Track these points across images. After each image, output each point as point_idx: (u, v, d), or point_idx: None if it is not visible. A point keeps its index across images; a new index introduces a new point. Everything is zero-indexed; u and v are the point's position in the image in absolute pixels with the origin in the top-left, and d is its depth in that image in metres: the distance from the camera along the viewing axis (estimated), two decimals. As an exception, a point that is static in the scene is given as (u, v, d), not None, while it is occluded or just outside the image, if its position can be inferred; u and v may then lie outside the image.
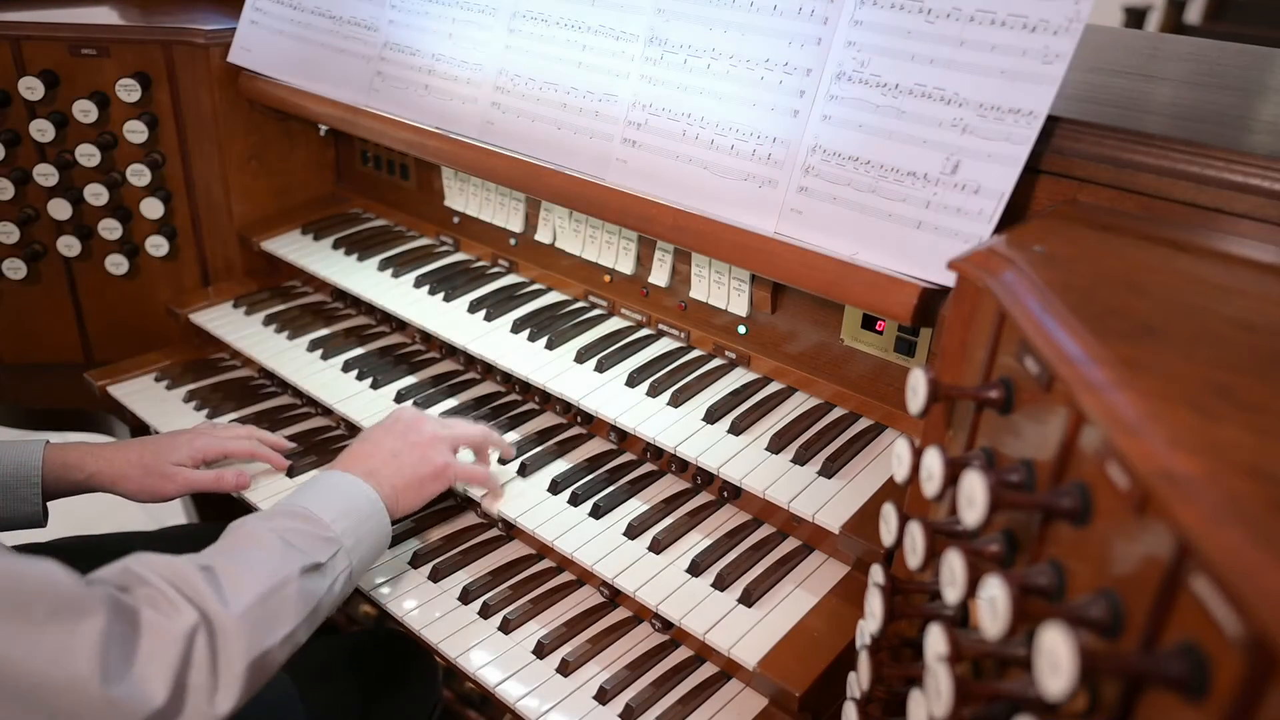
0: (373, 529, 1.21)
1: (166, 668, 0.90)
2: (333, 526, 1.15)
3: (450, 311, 1.68)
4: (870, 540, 1.17)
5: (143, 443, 1.46)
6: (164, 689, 0.89)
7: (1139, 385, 0.61)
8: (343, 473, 1.25)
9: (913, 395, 0.82)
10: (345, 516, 1.17)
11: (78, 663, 0.84)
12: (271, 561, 1.06)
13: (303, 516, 1.14)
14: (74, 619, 0.85)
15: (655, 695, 1.22)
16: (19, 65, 1.80)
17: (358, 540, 1.18)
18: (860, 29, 1.20)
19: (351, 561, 1.16)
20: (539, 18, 1.54)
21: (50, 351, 2.06)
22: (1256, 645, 0.45)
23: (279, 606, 1.03)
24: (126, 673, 0.87)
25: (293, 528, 1.12)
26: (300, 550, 1.09)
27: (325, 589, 1.11)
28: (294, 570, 1.06)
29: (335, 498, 1.20)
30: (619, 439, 1.52)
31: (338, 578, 1.13)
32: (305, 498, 1.19)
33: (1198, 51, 1.65)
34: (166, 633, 0.91)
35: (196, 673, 0.93)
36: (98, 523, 1.64)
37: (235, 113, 1.90)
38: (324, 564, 1.11)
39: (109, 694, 0.84)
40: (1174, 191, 1.01)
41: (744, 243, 1.28)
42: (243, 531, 1.11)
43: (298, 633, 1.06)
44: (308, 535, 1.12)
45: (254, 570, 1.03)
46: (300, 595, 1.06)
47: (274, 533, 1.10)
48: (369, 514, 1.21)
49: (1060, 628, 0.54)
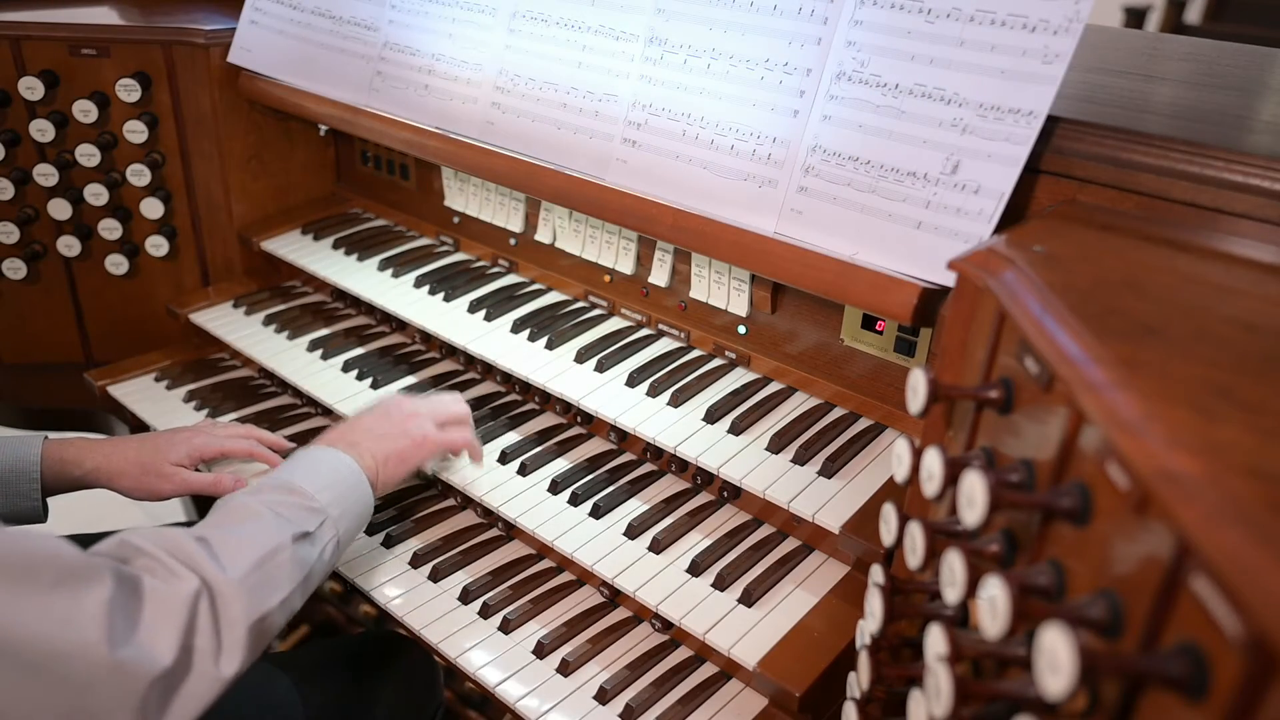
0: (356, 499, 1.24)
1: (172, 630, 0.92)
2: (318, 498, 1.17)
3: (450, 311, 1.68)
4: (870, 540, 1.17)
5: (141, 440, 1.46)
6: (171, 651, 0.91)
7: (1139, 385, 0.61)
8: (325, 447, 1.27)
9: (913, 395, 0.82)
10: (330, 488, 1.20)
11: (85, 629, 0.85)
12: (264, 530, 1.08)
13: (288, 489, 1.16)
14: (80, 586, 0.86)
15: (655, 695, 1.22)
16: (19, 65, 1.80)
17: (343, 511, 1.20)
18: (860, 29, 1.20)
19: (338, 531, 1.18)
20: (539, 18, 1.54)
21: (50, 351, 2.06)
22: (1256, 645, 0.45)
23: (275, 571, 1.06)
24: (132, 636, 0.89)
25: (280, 500, 1.14)
26: (289, 520, 1.12)
27: (316, 556, 1.14)
28: (286, 538, 1.09)
29: (319, 471, 1.22)
30: (619, 439, 1.52)
31: (326, 546, 1.16)
32: (290, 472, 1.21)
33: (1198, 51, 1.65)
34: (170, 598, 0.93)
35: (201, 636, 0.95)
36: (98, 523, 1.63)
37: (235, 113, 1.90)
38: (312, 533, 1.14)
39: (116, 657, 0.86)
40: (1174, 191, 1.01)
41: (744, 243, 1.28)
42: (232, 505, 1.13)
43: (293, 598, 1.09)
44: (295, 506, 1.14)
45: (248, 538, 1.06)
46: (294, 561, 1.09)
47: (263, 505, 1.12)
48: (352, 485, 1.23)
49: (1060, 628, 0.54)
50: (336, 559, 1.21)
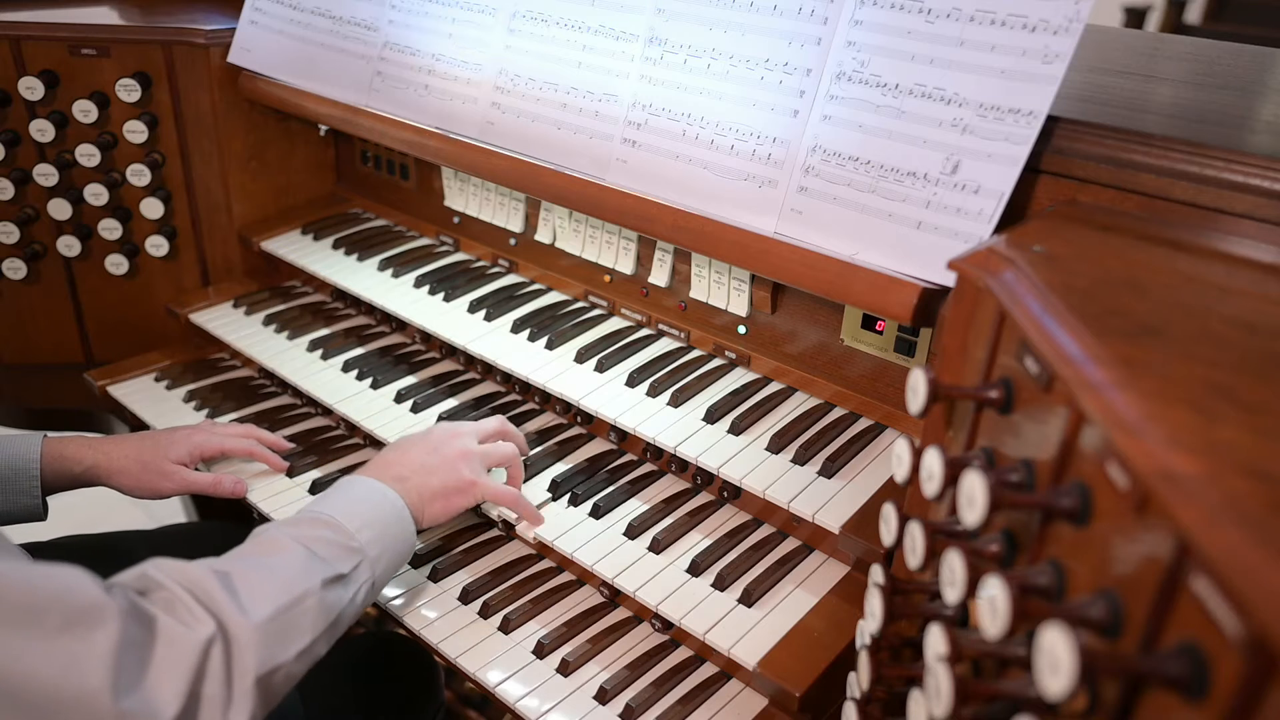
0: (396, 538, 1.19)
1: (180, 678, 0.88)
2: (357, 536, 1.12)
3: (450, 311, 1.68)
4: (870, 540, 1.17)
5: (141, 438, 1.46)
6: (176, 700, 0.87)
7: (1139, 385, 0.61)
8: (370, 479, 1.22)
9: (913, 395, 0.82)
10: (370, 526, 1.14)
11: (88, 675, 0.82)
12: (293, 571, 1.03)
13: (327, 524, 1.12)
14: (87, 629, 0.83)
15: (655, 695, 1.22)
16: (19, 65, 1.80)
17: (381, 550, 1.15)
18: (860, 29, 1.20)
19: (374, 573, 1.13)
20: (539, 18, 1.54)
21: (50, 351, 2.06)
22: (1256, 645, 0.45)
23: (297, 619, 1.01)
24: (139, 683, 0.85)
25: (317, 535, 1.09)
26: (324, 560, 1.07)
27: (347, 600, 1.08)
28: (315, 582, 1.04)
29: (362, 506, 1.17)
30: (619, 439, 1.52)
31: (360, 589, 1.11)
32: (331, 504, 1.16)
33: (1198, 51, 1.65)
34: (182, 641, 0.89)
35: (210, 684, 0.90)
36: (97, 523, 1.64)
37: (235, 113, 1.90)
38: (347, 574, 1.09)
39: (120, 707, 0.82)
40: (1174, 191, 1.01)
41: (744, 243, 1.28)
42: (265, 538, 1.09)
43: (316, 646, 1.03)
44: (332, 544, 1.10)
45: (274, 579, 1.01)
46: (320, 607, 1.03)
47: (297, 541, 1.07)
48: (394, 522, 1.19)
49: (1060, 628, 0.54)
50: (370, 601, 1.15)
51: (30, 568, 0.84)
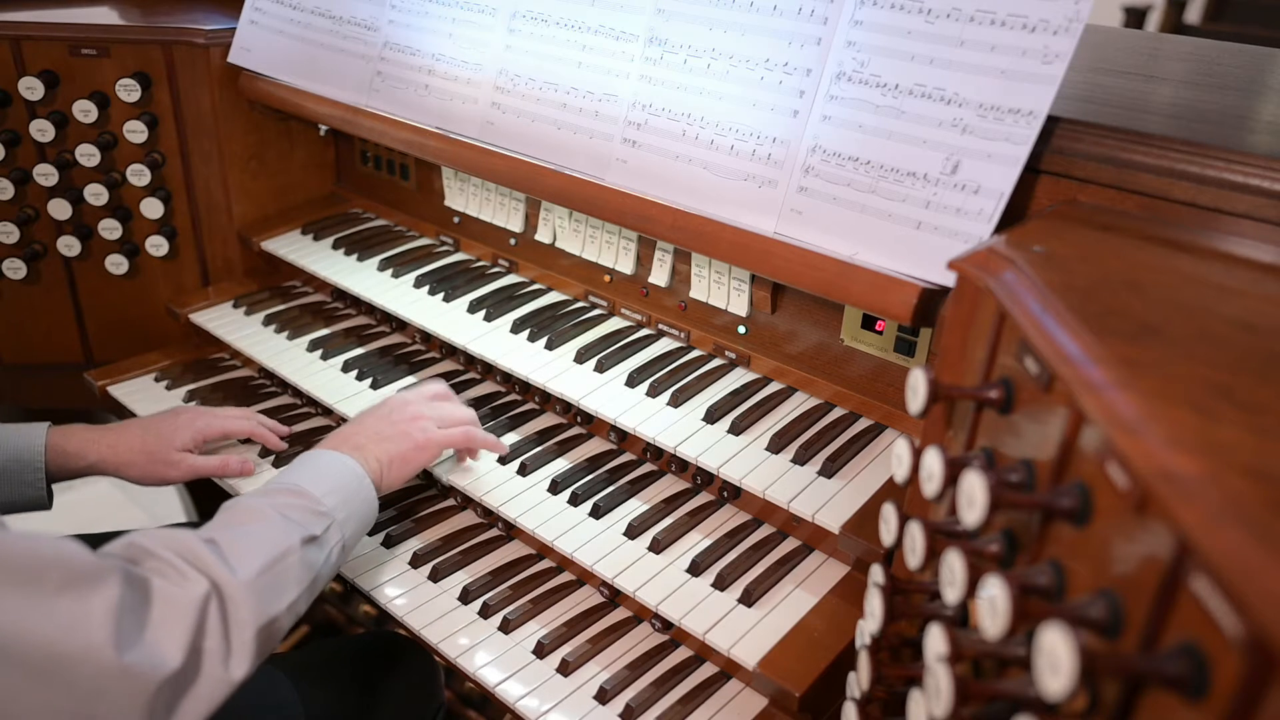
0: (361, 503, 1.24)
1: (181, 633, 0.91)
2: (324, 501, 1.17)
3: (450, 311, 1.68)
4: (870, 540, 1.17)
5: (144, 427, 1.46)
6: (179, 653, 0.90)
7: (1139, 385, 0.61)
8: (330, 450, 1.27)
9: (913, 395, 0.82)
10: (335, 492, 1.20)
11: (92, 632, 0.84)
12: (272, 533, 1.08)
13: (295, 492, 1.16)
14: (87, 589, 0.86)
15: (655, 695, 1.22)
16: (19, 65, 1.80)
17: (348, 514, 1.20)
18: (860, 29, 1.20)
19: (344, 535, 1.19)
20: (539, 18, 1.54)
21: (50, 351, 2.06)
22: (1256, 645, 0.45)
23: (283, 574, 1.06)
24: (140, 639, 0.88)
25: (287, 503, 1.14)
26: (297, 524, 1.12)
27: (322, 560, 1.14)
28: (295, 541, 1.09)
29: (324, 474, 1.22)
30: (619, 439, 1.52)
31: (332, 550, 1.16)
32: (296, 475, 1.21)
33: (1198, 51, 1.65)
34: (179, 600, 0.93)
35: (210, 638, 0.95)
36: (98, 523, 1.64)
37: (235, 113, 1.90)
38: (319, 536, 1.14)
39: (124, 661, 0.85)
40: (1174, 191, 1.01)
41: (744, 243, 1.28)
42: (239, 508, 1.13)
43: (300, 601, 1.09)
44: (302, 509, 1.14)
45: (256, 541, 1.06)
46: (302, 565, 1.09)
47: (271, 508, 1.12)
48: (357, 489, 1.24)
49: (1060, 628, 0.54)
50: (342, 562, 1.21)
51: (26, 533, 0.87)
